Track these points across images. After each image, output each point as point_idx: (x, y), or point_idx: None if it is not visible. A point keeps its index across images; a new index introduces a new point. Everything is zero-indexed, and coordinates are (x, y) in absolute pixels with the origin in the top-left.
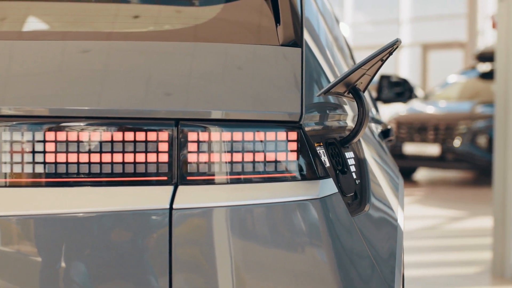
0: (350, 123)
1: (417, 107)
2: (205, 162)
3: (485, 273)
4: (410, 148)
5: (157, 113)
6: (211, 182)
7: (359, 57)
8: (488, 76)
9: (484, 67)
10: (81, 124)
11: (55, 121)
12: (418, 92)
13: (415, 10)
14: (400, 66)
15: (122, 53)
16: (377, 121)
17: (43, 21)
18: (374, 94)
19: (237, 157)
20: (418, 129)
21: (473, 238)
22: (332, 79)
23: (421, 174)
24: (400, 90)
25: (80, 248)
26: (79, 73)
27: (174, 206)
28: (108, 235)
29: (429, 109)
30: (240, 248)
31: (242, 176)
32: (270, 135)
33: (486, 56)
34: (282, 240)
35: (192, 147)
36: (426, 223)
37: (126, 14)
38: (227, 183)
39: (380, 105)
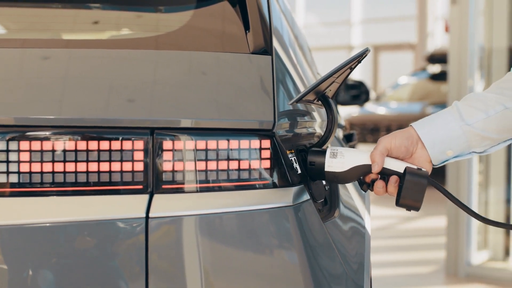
0: (319, 130)
1: (369, 108)
2: (180, 171)
3: (439, 272)
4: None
5: (133, 122)
6: (186, 190)
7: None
8: (438, 77)
9: (434, 68)
10: (56, 133)
11: (28, 130)
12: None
13: (366, 12)
14: None
15: (97, 62)
16: (340, 125)
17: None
18: None
19: (212, 165)
20: (371, 130)
21: (427, 237)
22: (300, 86)
23: None
24: (356, 92)
25: (57, 258)
26: (54, 82)
27: (150, 215)
28: (84, 244)
29: (381, 110)
30: (218, 256)
31: (217, 184)
32: (244, 143)
33: (436, 58)
34: (258, 247)
35: (167, 155)
36: (380, 223)
37: (99, 22)
38: (202, 191)
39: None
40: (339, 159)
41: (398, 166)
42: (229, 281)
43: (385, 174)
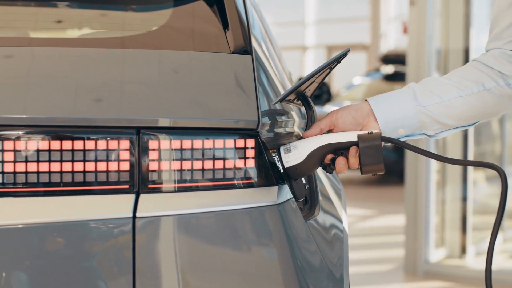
0: (297, 129)
1: (324, 108)
2: (167, 170)
3: (398, 270)
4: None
5: (118, 122)
6: (172, 190)
7: None
8: (391, 78)
9: (388, 69)
10: (42, 132)
11: (12, 129)
12: None
13: (319, 12)
14: (305, 67)
15: (83, 61)
16: None
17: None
18: None
19: (198, 164)
20: None
21: (384, 236)
22: (278, 84)
23: None
24: (318, 92)
25: (44, 259)
26: (42, 81)
27: (137, 215)
28: (71, 245)
29: None
30: (206, 255)
31: (203, 184)
32: (229, 142)
33: (390, 59)
34: (245, 246)
35: (153, 155)
36: None
37: (82, 21)
38: (188, 190)
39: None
40: (294, 152)
41: (351, 136)
42: (218, 280)
43: (342, 149)
